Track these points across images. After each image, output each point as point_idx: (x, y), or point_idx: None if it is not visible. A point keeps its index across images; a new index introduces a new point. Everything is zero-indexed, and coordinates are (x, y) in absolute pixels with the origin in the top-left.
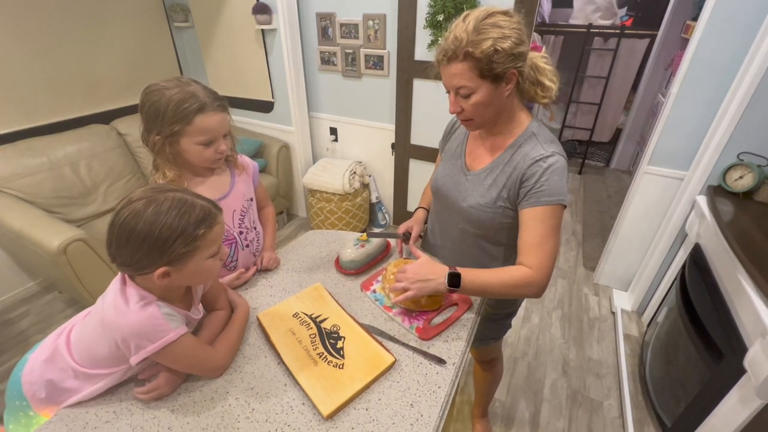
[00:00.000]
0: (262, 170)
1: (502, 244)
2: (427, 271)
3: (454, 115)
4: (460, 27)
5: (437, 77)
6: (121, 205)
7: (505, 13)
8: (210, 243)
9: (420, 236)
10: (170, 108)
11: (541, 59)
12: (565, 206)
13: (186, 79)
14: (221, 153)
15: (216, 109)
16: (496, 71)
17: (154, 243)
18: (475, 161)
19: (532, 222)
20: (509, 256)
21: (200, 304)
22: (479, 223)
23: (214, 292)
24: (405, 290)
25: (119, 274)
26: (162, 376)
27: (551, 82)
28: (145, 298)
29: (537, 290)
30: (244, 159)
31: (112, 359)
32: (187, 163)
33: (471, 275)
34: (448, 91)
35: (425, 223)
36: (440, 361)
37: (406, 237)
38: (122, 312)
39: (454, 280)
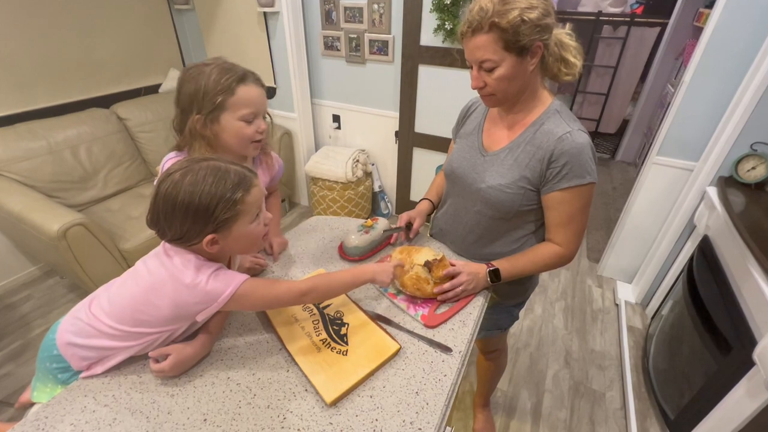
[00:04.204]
0: None
1: (519, 228)
2: (474, 269)
3: (468, 101)
4: None
5: (460, 54)
6: (160, 179)
7: None
8: (250, 206)
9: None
10: (212, 79)
11: (566, 35)
12: (594, 183)
13: (223, 59)
14: (262, 133)
15: (256, 82)
16: (521, 43)
17: (197, 210)
18: (493, 142)
19: (561, 205)
20: (526, 242)
21: None
22: (498, 204)
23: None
24: (457, 294)
25: (161, 246)
26: (168, 361)
27: (575, 58)
28: (199, 261)
29: (567, 261)
30: (276, 156)
31: (159, 320)
32: (225, 146)
33: (507, 266)
34: (471, 66)
35: (429, 214)
36: (446, 349)
37: (408, 227)
38: (178, 274)
39: (494, 276)
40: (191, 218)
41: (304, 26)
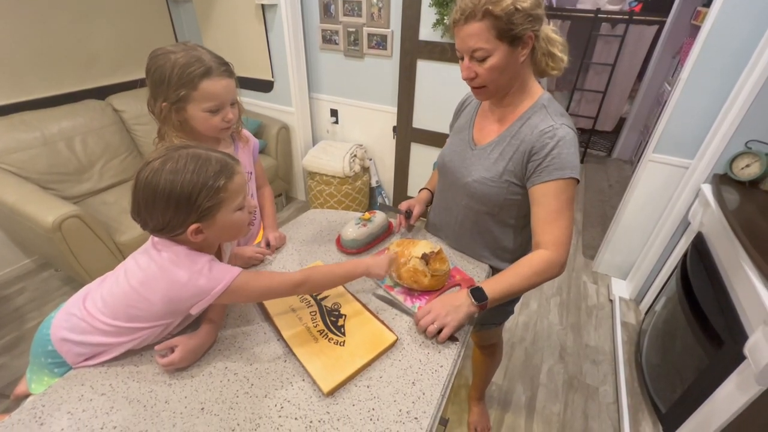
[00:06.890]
0: (261, 151)
1: (509, 224)
2: (451, 299)
3: (464, 95)
4: None
5: (453, 48)
6: (140, 168)
7: None
8: (233, 194)
9: (420, 218)
10: (175, 72)
11: (551, 31)
12: (577, 180)
13: (192, 44)
14: (229, 121)
15: (222, 74)
16: (514, 32)
17: (179, 199)
18: (483, 135)
19: (544, 198)
20: (515, 238)
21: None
22: (484, 198)
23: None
24: (440, 329)
25: (149, 241)
26: (177, 353)
27: (561, 53)
28: (190, 252)
29: (558, 269)
30: (247, 132)
31: (153, 315)
32: (195, 131)
33: (492, 283)
34: (462, 57)
35: (428, 204)
36: (452, 339)
37: (408, 214)
38: (170, 268)
39: (478, 293)
40: (173, 207)
41: (303, 19)
